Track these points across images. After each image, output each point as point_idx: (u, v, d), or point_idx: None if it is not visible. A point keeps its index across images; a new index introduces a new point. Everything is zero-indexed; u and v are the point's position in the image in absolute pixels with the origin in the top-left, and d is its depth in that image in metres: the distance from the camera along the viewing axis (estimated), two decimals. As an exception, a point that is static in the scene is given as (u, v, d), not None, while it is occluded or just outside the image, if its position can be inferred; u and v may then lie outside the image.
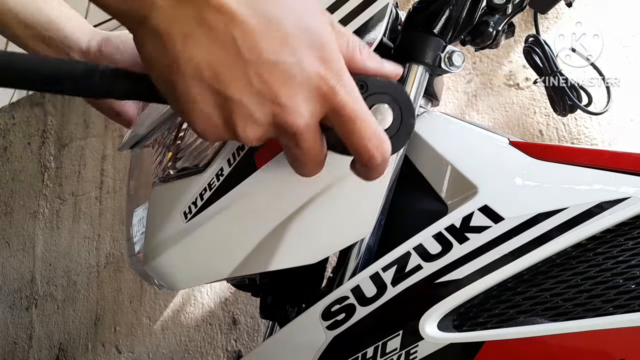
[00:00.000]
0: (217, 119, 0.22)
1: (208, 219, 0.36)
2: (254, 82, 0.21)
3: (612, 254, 0.31)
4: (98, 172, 1.56)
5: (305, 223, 0.34)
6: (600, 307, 0.29)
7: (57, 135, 1.73)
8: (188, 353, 1.20)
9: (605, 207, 0.31)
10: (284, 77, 0.22)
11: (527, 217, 0.32)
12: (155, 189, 0.41)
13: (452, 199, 0.36)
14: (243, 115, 0.22)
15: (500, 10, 0.38)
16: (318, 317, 0.34)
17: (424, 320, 0.31)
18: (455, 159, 0.36)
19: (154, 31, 0.21)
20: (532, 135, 0.93)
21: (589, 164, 0.34)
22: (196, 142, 0.40)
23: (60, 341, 1.48)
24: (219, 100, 0.22)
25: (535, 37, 0.55)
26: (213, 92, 0.21)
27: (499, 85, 0.98)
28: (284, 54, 0.21)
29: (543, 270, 0.31)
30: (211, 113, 0.22)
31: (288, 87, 0.22)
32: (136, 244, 0.43)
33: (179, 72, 0.21)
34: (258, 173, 0.35)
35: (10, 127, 1.89)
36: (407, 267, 0.33)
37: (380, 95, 0.27)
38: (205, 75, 0.21)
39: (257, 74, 0.21)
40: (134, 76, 0.25)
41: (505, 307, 0.31)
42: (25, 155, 1.80)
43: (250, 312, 1.14)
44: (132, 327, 1.32)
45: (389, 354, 0.32)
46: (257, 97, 0.22)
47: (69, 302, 1.49)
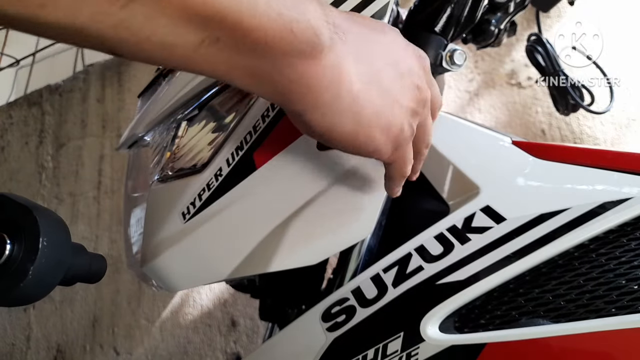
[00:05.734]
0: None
1: (207, 219, 0.35)
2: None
3: (615, 254, 0.31)
4: (96, 172, 1.56)
5: (305, 223, 0.34)
6: (603, 308, 0.29)
7: (55, 134, 1.72)
8: (187, 355, 1.19)
9: (608, 207, 0.31)
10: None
11: (530, 218, 0.32)
12: (153, 189, 0.40)
13: (454, 199, 0.36)
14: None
15: (502, 8, 0.38)
16: (318, 318, 0.34)
17: (425, 321, 0.31)
18: (457, 158, 0.36)
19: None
20: (535, 135, 0.93)
21: (591, 164, 0.34)
22: (194, 143, 0.39)
23: (58, 342, 1.47)
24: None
25: (538, 35, 0.55)
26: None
27: (501, 84, 0.97)
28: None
29: (545, 272, 0.31)
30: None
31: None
32: (134, 245, 0.43)
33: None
34: (257, 173, 0.35)
35: (7, 126, 1.89)
36: (408, 268, 0.33)
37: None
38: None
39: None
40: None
41: (507, 308, 0.31)
42: (22, 155, 1.79)
43: (250, 313, 1.13)
44: (130, 329, 1.32)
45: (389, 355, 0.32)
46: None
47: (66, 303, 1.49)
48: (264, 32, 0.20)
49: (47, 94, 1.81)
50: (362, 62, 0.24)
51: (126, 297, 1.36)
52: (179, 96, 0.40)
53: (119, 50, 0.19)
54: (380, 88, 0.25)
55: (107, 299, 1.39)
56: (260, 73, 0.21)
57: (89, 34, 0.18)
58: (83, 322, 1.43)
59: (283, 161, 0.34)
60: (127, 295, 1.36)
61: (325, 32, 0.22)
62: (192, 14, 0.18)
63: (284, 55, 0.21)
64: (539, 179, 0.34)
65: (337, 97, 0.23)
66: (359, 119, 0.24)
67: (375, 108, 0.24)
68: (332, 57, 0.22)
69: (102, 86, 1.66)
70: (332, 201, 0.34)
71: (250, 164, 0.35)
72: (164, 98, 0.42)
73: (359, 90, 0.23)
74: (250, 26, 0.19)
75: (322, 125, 0.24)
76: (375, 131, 0.25)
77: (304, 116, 0.23)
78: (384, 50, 0.25)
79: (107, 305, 1.39)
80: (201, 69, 0.21)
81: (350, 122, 0.24)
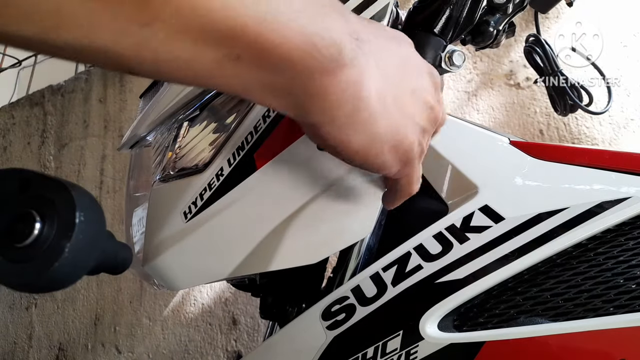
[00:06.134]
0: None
1: (208, 219, 0.36)
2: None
3: (613, 253, 0.31)
4: (98, 172, 1.56)
5: (305, 223, 0.34)
6: (601, 307, 0.29)
7: (57, 135, 1.73)
8: (188, 353, 1.20)
9: (605, 207, 0.31)
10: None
11: (528, 217, 0.32)
12: (155, 189, 0.40)
13: (453, 199, 0.36)
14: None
15: (501, 9, 0.38)
16: (318, 317, 0.34)
17: (424, 320, 0.31)
18: (455, 158, 0.36)
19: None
20: (533, 135, 0.93)
21: (589, 164, 0.34)
22: (195, 143, 0.40)
23: (60, 341, 1.48)
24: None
25: (536, 36, 0.55)
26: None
27: (499, 85, 0.98)
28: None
29: (543, 270, 0.31)
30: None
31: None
32: (136, 244, 0.43)
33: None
34: (258, 173, 0.35)
35: (10, 126, 1.89)
36: (408, 267, 0.33)
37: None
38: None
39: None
40: None
41: (505, 307, 0.31)
42: (25, 155, 1.80)
43: (250, 312, 1.14)
44: (132, 327, 1.32)
45: (389, 354, 0.32)
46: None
47: (68, 302, 1.49)
48: (286, 48, 0.19)
49: (49, 94, 1.81)
50: (380, 76, 0.23)
51: (128, 295, 1.36)
52: (180, 97, 0.41)
53: (137, 69, 0.18)
54: (396, 104, 0.24)
55: (109, 297, 1.40)
56: (280, 88, 0.21)
57: (108, 55, 0.17)
58: (85, 321, 1.43)
59: (284, 161, 0.34)
60: (128, 294, 1.36)
61: (347, 47, 0.21)
62: (214, 29, 0.18)
63: (305, 70, 0.20)
64: (537, 179, 0.34)
65: (356, 111, 0.22)
66: (373, 133, 0.24)
67: (391, 124, 0.24)
68: (354, 72, 0.22)
69: (104, 86, 1.67)
70: (332, 201, 0.34)
71: (251, 164, 0.35)
72: (165, 99, 0.42)
73: (376, 105, 0.23)
74: (273, 42, 0.19)
75: (337, 138, 0.23)
76: (386, 147, 0.25)
77: (321, 129, 0.23)
78: (400, 64, 0.25)
79: (109, 304, 1.39)
80: (219, 85, 0.20)
81: (365, 137, 0.24)
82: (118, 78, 1.64)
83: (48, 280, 0.17)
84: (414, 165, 0.27)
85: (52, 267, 0.17)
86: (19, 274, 0.17)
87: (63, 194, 0.18)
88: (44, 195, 0.18)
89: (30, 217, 0.18)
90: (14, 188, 0.19)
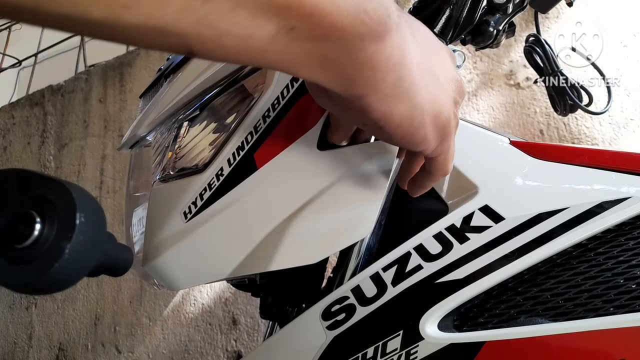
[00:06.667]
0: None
1: (208, 219, 0.36)
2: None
3: (613, 253, 0.31)
4: (98, 172, 1.56)
5: (305, 223, 0.34)
6: (601, 307, 0.29)
7: (57, 135, 1.73)
8: (188, 353, 1.20)
9: (606, 207, 0.31)
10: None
11: (528, 217, 0.32)
12: (154, 189, 0.40)
13: (453, 199, 0.36)
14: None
15: (501, 9, 0.38)
16: (318, 317, 0.34)
17: (425, 320, 0.31)
18: (455, 158, 0.36)
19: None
20: (533, 135, 0.93)
21: (589, 164, 0.34)
22: (195, 143, 0.40)
23: (60, 341, 1.48)
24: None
25: (536, 36, 0.55)
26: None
27: (499, 85, 0.98)
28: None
29: (543, 270, 0.31)
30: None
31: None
32: (136, 244, 0.43)
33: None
34: (258, 173, 0.35)
35: (10, 126, 1.89)
36: (408, 267, 0.33)
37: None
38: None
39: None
40: None
41: (505, 307, 0.31)
42: (25, 155, 1.80)
43: (250, 312, 1.14)
44: (131, 327, 1.32)
45: (389, 354, 0.32)
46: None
47: (68, 302, 1.49)
48: (339, 16, 0.19)
49: (49, 95, 1.82)
50: (418, 46, 0.24)
51: (128, 295, 1.36)
52: (180, 96, 0.41)
53: (196, 48, 0.18)
54: (432, 74, 0.25)
55: (109, 297, 1.40)
56: (329, 59, 0.21)
57: (171, 34, 0.17)
58: (85, 321, 1.43)
59: (284, 161, 0.34)
60: (128, 294, 1.36)
61: (394, 11, 0.21)
62: (270, 3, 0.18)
63: (356, 37, 0.20)
64: (537, 179, 0.34)
65: (399, 79, 0.23)
66: (415, 103, 0.24)
67: (430, 93, 0.24)
68: (399, 38, 0.22)
69: (104, 86, 1.67)
70: (332, 201, 0.34)
71: (251, 164, 0.35)
72: (165, 98, 0.42)
73: (416, 74, 0.23)
74: (325, 11, 0.19)
75: (380, 110, 0.23)
76: (427, 118, 0.25)
77: (364, 99, 0.23)
78: (428, 39, 0.26)
79: (109, 304, 1.39)
80: (269, 61, 0.21)
81: (407, 107, 0.24)
82: (118, 78, 1.64)
83: (48, 281, 0.17)
84: (451, 138, 0.27)
85: (52, 268, 0.17)
86: (18, 275, 0.17)
87: (63, 194, 0.18)
88: (44, 195, 0.18)
89: (30, 218, 0.18)
90: (14, 188, 0.18)
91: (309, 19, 0.19)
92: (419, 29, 0.25)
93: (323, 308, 0.34)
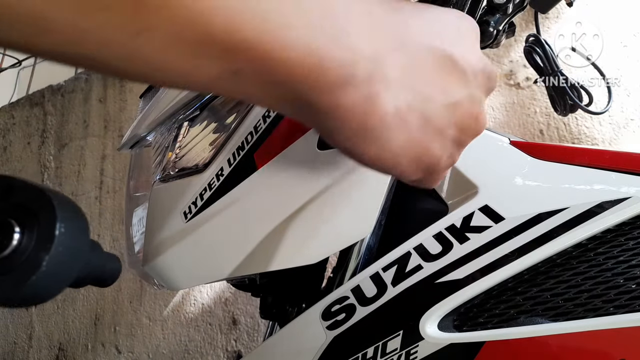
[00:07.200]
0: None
1: (208, 218, 0.36)
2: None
3: (613, 253, 0.31)
4: (98, 172, 1.56)
5: (305, 223, 0.34)
6: (601, 307, 0.29)
7: (57, 135, 1.73)
8: (188, 353, 1.20)
9: (606, 207, 0.31)
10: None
11: (528, 217, 0.32)
12: (155, 189, 0.40)
13: (453, 199, 0.36)
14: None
15: (501, 9, 0.38)
16: (318, 317, 0.34)
17: (424, 320, 0.31)
18: (455, 158, 0.36)
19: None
20: (533, 135, 0.93)
21: (589, 164, 0.34)
22: (196, 143, 0.40)
23: (60, 341, 1.48)
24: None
25: (536, 36, 0.55)
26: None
27: (499, 85, 0.98)
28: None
29: (543, 270, 0.31)
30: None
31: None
32: (136, 244, 0.43)
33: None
34: (258, 173, 0.35)
35: (10, 126, 1.89)
36: (408, 267, 0.33)
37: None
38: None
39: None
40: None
41: (505, 307, 0.31)
42: (25, 155, 1.80)
43: (250, 312, 1.14)
44: (132, 327, 1.32)
45: (389, 354, 0.32)
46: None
47: (68, 302, 1.49)
48: (291, 67, 0.17)
49: (49, 94, 1.82)
50: (406, 90, 0.21)
51: (128, 295, 1.36)
52: (180, 97, 0.41)
53: (130, 78, 0.18)
54: (422, 117, 0.22)
55: (109, 297, 1.40)
56: (282, 100, 0.19)
57: (98, 63, 0.16)
58: (85, 321, 1.43)
59: (284, 161, 0.34)
60: (128, 294, 1.36)
61: (363, 65, 0.19)
62: (212, 43, 0.16)
63: (311, 89, 0.19)
64: (537, 179, 0.34)
65: (365, 126, 0.20)
66: (387, 147, 0.22)
67: (408, 138, 0.22)
68: (367, 89, 0.19)
69: (104, 86, 1.67)
70: (332, 201, 0.34)
71: (251, 164, 0.35)
72: (165, 99, 0.42)
73: (392, 121, 0.21)
74: (279, 60, 0.17)
75: (345, 146, 0.22)
76: (404, 160, 0.23)
77: (329, 136, 0.22)
78: (443, 72, 0.22)
79: (109, 304, 1.39)
80: (218, 94, 0.20)
81: (377, 149, 0.22)
82: (118, 78, 1.64)
83: (26, 293, 0.16)
84: (438, 174, 0.26)
85: (29, 280, 0.16)
86: None
87: (45, 203, 0.17)
88: (25, 204, 0.17)
89: (9, 227, 0.17)
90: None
91: (257, 65, 0.17)
92: (426, 65, 0.21)
93: (323, 308, 0.34)
